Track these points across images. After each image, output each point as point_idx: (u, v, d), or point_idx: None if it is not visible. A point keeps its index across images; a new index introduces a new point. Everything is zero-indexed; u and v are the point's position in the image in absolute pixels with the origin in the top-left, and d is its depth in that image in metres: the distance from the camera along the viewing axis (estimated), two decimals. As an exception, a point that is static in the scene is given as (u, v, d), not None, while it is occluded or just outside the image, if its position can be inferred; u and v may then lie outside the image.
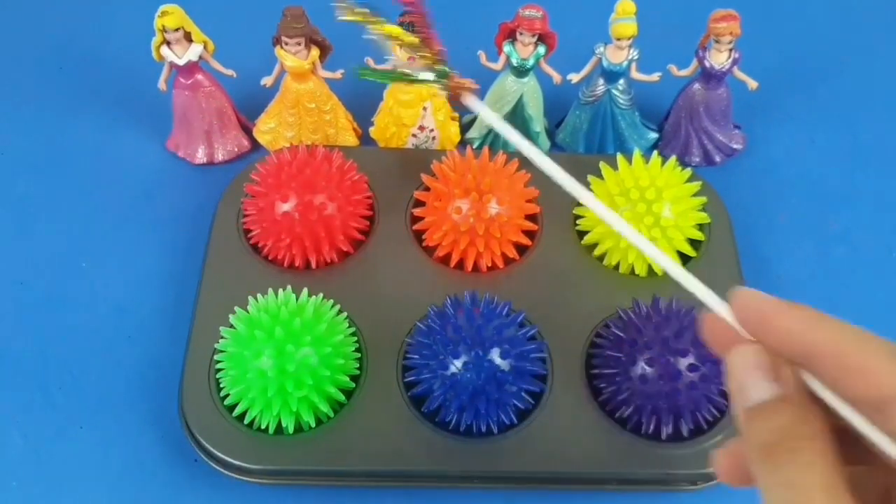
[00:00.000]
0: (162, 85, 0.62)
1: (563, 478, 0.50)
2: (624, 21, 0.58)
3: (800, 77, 0.73)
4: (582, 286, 0.56)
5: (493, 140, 0.66)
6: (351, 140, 0.66)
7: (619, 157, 0.58)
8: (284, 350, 0.47)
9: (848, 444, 0.25)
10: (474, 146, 0.66)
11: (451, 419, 0.49)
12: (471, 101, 0.38)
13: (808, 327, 0.26)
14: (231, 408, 0.50)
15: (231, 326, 0.50)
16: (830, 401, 0.26)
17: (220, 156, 0.65)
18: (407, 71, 0.39)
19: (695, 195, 0.57)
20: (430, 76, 0.38)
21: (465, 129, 0.67)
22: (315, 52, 0.60)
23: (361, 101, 0.66)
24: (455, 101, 0.39)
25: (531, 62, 0.61)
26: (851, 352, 0.25)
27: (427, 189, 0.58)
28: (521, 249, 0.58)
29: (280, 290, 0.51)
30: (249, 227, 0.57)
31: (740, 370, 0.27)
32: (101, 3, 0.76)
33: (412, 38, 0.39)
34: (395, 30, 0.38)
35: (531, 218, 0.58)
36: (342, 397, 0.51)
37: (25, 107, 0.69)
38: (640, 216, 0.55)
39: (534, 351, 0.50)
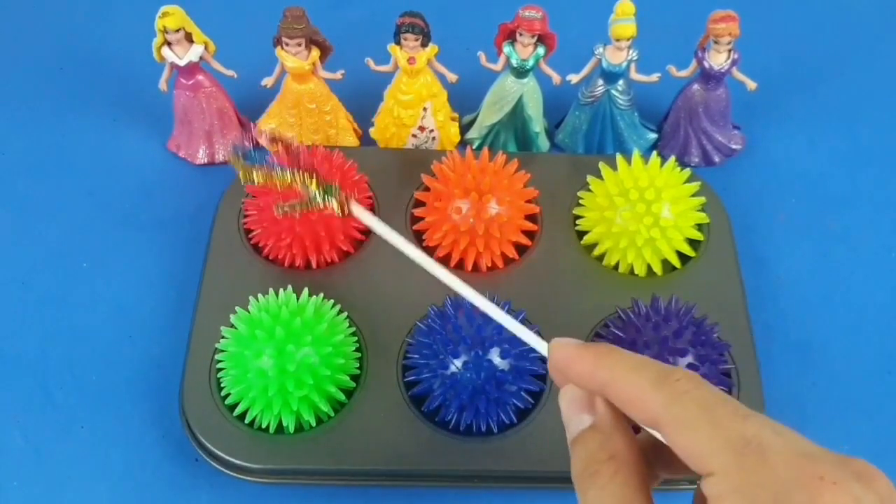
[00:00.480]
0: (163, 85, 0.62)
1: (563, 477, 0.49)
2: (623, 22, 0.58)
3: (799, 77, 0.73)
4: (581, 286, 0.57)
5: (492, 140, 0.66)
6: (351, 140, 0.66)
7: (619, 158, 0.58)
8: (285, 350, 0.48)
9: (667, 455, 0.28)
10: (474, 146, 0.66)
11: (451, 418, 0.50)
12: (356, 209, 0.44)
13: (595, 367, 0.29)
14: (232, 407, 0.51)
15: (232, 326, 0.50)
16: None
17: (220, 156, 0.66)
18: (308, 200, 0.45)
19: (694, 195, 0.57)
20: (320, 198, 0.45)
21: (464, 129, 0.67)
22: (315, 52, 0.60)
23: (362, 101, 0.66)
24: (346, 213, 0.45)
25: (531, 63, 0.61)
26: (626, 384, 0.28)
27: (427, 189, 0.58)
28: (521, 249, 0.58)
29: (281, 290, 0.51)
30: (250, 227, 0.57)
31: (562, 407, 0.31)
32: (102, 4, 0.76)
33: (297, 178, 0.45)
34: (286, 178, 0.46)
35: (531, 218, 0.58)
36: (342, 397, 0.51)
37: (26, 107, 0.69)
38: (640, 216, 0.55)
39: (533, 350, 0.50)
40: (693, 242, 0.58)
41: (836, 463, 0.25)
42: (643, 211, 0.55)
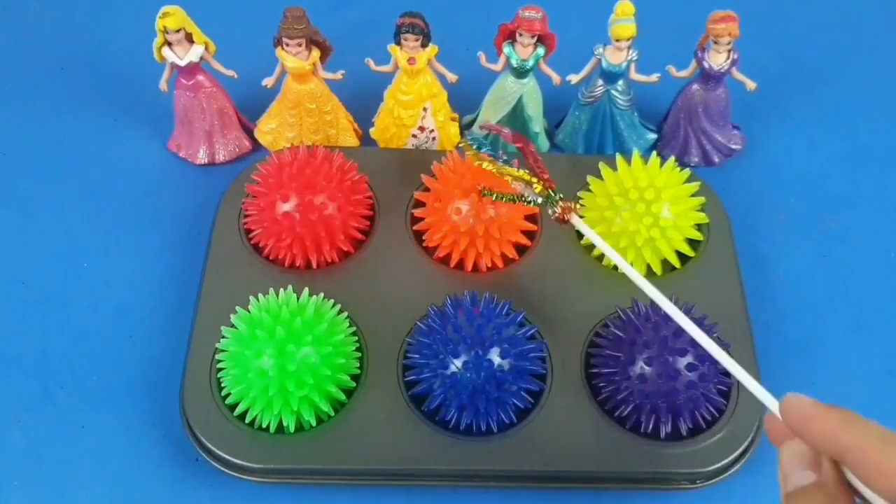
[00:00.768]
0: (163, 86, 0.62)
1: (562, 476, 0.50)
2: (623, 22, 0.58)
3: (798, 78, 0.73)
4: (581, 286, 0.57)
5: (492, 141, 0.66)
6: (352, 141, 0.66)
7: (619, 158, 0.58)
8: (285, 349, 0.48)
9: None
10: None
11: (451, 418, 0.50)
12: (576, 220, 0.51)
13: (840, 429, 0.30)
14: (232, 407, 0.51)
15: (232, 326, 0.50)
16: (860, 488, 0.30)
17: (221, 156, 0.66)
18: (524, 196, 0.52)
19: (693, 195, 0.57)
20: (539, 200, 0.52)
21: (464, 129, 0.67)
22: (316, 53, 0.60)
23: (362, 102, 0.66)
24: (562, 222, 0.51)
25: (531, 63, 0.61)
26: (873, 452, 0.29)
27: (427, 190, 0.58)
28: (521, 249, 0.58)
29: (281, 290, 0.51)
30: (251, 227, 0.57)
31: (785, 460, 0.32)
32: (102, 4, 0.77)
33: (525, 175, 0.52)
34: (514, 172, 0.52)
35: (530, 218, 0.58)
36: (343, 396, 0.51)
37: (27, 107, 0.69)
38: (639, 216, 0.55)
39: (533, 350, 0.50)
40: (693, 242, 0.58)
41: None
42: (643, 211, 0.55)
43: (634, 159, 0.57)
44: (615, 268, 0.57)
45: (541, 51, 0.60)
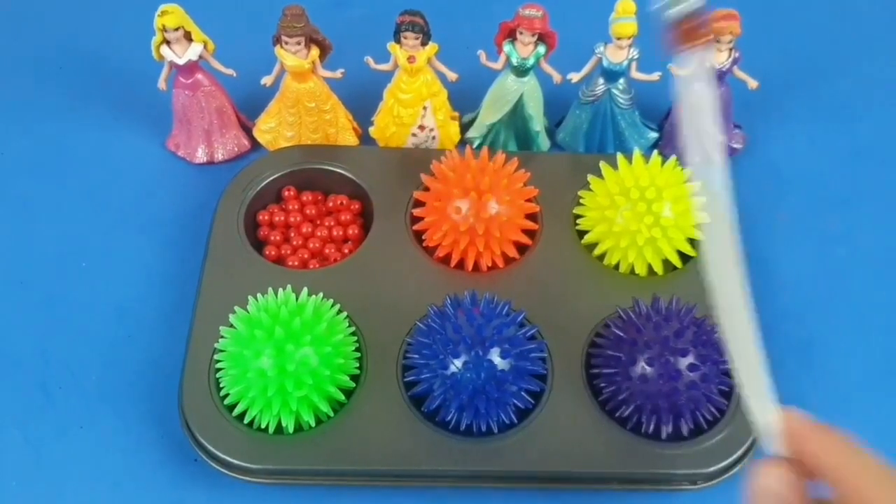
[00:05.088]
0: (162, 84, 0.62)
1: (563, 477, 0.50)
2: (624, 20, 0.58)
3: (800, 77, 0.72)
4: (582, 285, 0.57)
5: (493, 139, 0.66)
6: (351, 139, 0.66)
7: (620, 157, 0.58)
8: (284, 350, 0.47)
9: None
10: (474, 146, 0.66)
11: (451, 419, 0.50)
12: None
13: (835, 459, 0.29)
14: (231, 407, 0.50)
15: (231, 326, 0.50)
16: None
17: (220, 155, 0.65)
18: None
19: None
20: None
21: (465, 128, 0.67)
22: (315, 51, 0.60)
23: (361, 100, 0.66)
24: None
25: (531, 61, 0.61)
26: (870, 489, 0.28)
27: (427, 189, 0.58)
28: (522, 249, 0.58)
29: (280, 290, 0.51)
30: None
31: (760, 496, 0.30)
32: (101, 3, 0.76)
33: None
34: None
35: (531, 217, 0.58)
36: (342, 397, 0.51)
37: (26, 106, 0.69)
38: (640, 215, 0.55)
39: (534, 350, 0.50)
40: (694, 242, 0.57)
41: None
42: (644, 210, 0.55)
43: (635, 158, 0.57)
44: (616, 267, 0.57)
45: (541, 49, 0.60)
